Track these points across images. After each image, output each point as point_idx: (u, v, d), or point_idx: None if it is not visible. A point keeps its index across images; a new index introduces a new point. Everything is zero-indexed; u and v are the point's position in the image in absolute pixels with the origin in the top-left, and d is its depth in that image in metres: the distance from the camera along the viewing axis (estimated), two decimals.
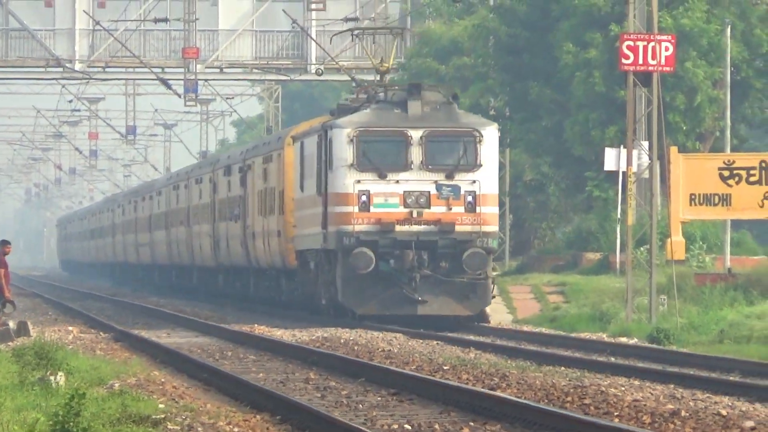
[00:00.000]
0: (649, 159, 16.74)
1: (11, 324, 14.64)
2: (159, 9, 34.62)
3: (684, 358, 11.93)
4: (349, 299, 13.39)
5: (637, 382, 8.86)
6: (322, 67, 33.06)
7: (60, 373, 7.95)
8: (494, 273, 15.01)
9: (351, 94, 18.50)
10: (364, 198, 13.05)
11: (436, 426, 5.15)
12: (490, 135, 13.93)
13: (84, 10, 34.35)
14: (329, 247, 13.80)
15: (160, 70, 34.17)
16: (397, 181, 13.29)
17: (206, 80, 35.99)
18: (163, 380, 9.30)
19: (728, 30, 26.39)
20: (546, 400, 6.63)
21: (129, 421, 4.89)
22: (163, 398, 7.05)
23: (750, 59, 28.82)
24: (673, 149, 18.74)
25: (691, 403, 6.70)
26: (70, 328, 18.14)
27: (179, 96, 26.30)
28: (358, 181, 13.03)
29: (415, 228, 13.23)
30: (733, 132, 27.51)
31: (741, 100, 28.34)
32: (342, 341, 11.94)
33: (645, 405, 6.21)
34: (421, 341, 11.97)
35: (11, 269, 16.39)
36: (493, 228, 13.93)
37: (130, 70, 36.12)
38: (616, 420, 5.16)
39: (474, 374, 9.05)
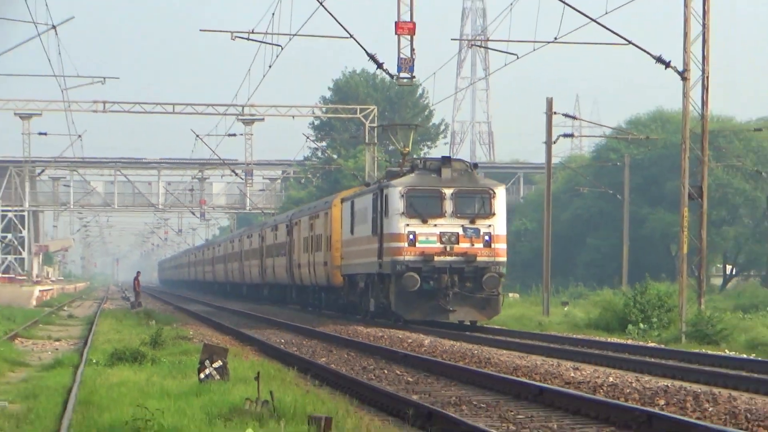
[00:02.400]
0: None
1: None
2: None
3: None
4: (400, 308, 18.32)
5: None
6: None
7: (153, 321, 20.28)
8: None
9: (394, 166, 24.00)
10: (411, 237, 18.00)
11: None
12: (501, 192, 18.79)
13: None
14: (384, 272, 18.75)
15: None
16: (435, 225, 18.20)
17: None
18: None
19: None
20: None
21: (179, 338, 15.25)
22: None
23: None
24: None
25: None
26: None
27: (391, 76, 18.66)
28: (407, 225, 18.03)
29: (448, 258, 18.08)
30: None
31: None
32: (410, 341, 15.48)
33: None
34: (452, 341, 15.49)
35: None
36: (503, 259, 18.64)
37: None
38: None
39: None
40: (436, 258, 17.84)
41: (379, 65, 18.97)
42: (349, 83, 53.17)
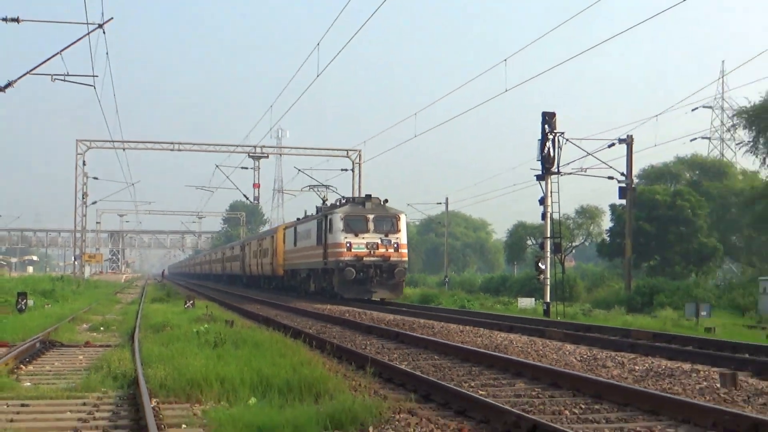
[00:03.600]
0: None
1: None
2: None
3: None
4: (341, 290, 26.02)
5: None
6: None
7: (166, 287, 41.84)
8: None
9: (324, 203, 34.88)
10: (348, 245, 25.83)
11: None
12: (403, 217, 27.28)
13: None
14: (329, 267, 27.06)
15: None
16: (363, 237, 25.95)
17: None
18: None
19: None
20: None
21: (178, 294, 32.97)
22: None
23: None
24: None
25: None
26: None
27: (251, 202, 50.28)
28: (346, 237, 25.83)
29: (372, 258, 25.71)
30: None
31: None
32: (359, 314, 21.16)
33: None
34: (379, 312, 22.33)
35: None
36: (406, 259, 26.95)
37: None
38: None
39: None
40: (365, 258, 25.46)
41: (247, 198, 43.68)
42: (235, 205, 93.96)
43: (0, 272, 52.69)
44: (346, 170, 41.72)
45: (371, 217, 26.12)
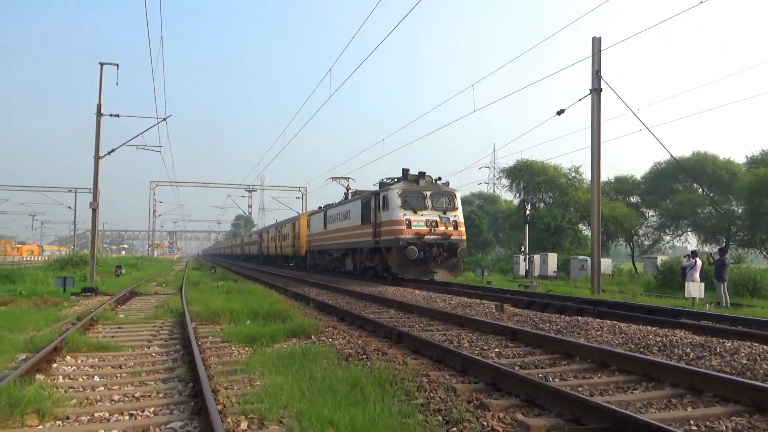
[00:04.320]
0: None
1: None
2: None
3: None
4: (400, 270, 21.85)
5: None
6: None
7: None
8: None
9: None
10: (408, 222, 21.90)
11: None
12: (458, 194, 23.53)
13: None
14: (382, 246, 23.00)
15: None
16: (422, 215, 22.14)
17: None
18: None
19: None
20: None
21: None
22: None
23: None
24: None
25: None
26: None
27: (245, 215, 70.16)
28: (405, 214, 22.01)
29: (434, 237, 21.92)
30: None
31: None
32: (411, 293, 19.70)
33: None
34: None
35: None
36: (465, 237, 22.91)
37: None
38: None
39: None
40: (426, 237, 21.76)
41: (244, 213, 66.38)
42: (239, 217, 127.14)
43: (105, 255, 70.68)
44: (299, 198, 68.17)
45: (428, 193, 22.53)
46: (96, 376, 6.86)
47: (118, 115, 25.33)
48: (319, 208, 34.81)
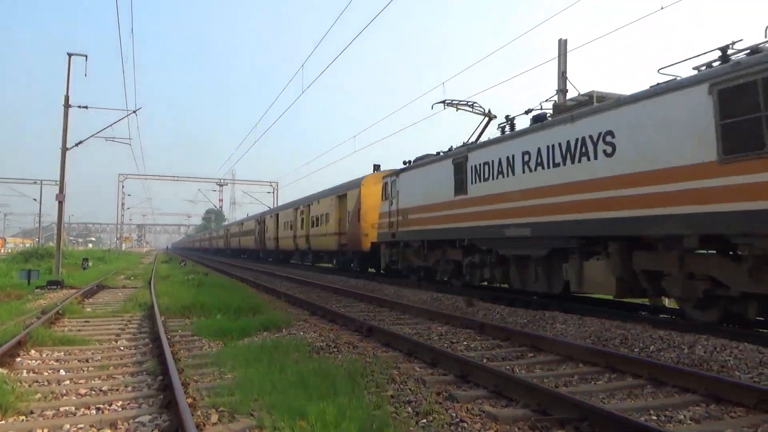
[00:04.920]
0: None
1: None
2: None
3: None
4: None
5: None
6: None
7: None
8: None
9: None
10: None
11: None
12: None
13: None
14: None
15: None
16: None
17: None
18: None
19: None
20: None
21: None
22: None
23: None
24: None
25: None
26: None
27: (216, 209, 70.62)
28: None
29: None
30: None
31: None
32: None
33: None
34: None
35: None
36: None
37: None
38: None
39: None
40: None
41: (215, 206, 59.35)
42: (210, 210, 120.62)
43: (72, 248, 69.61)
44: (270, 192, 68.05)
45: None
46: (62, 370, 6.71)
47: (86, 107, 24.64)
48: (411, 163, 18.02)
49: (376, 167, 22.94)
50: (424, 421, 4.73)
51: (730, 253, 8.32)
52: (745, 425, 4.72)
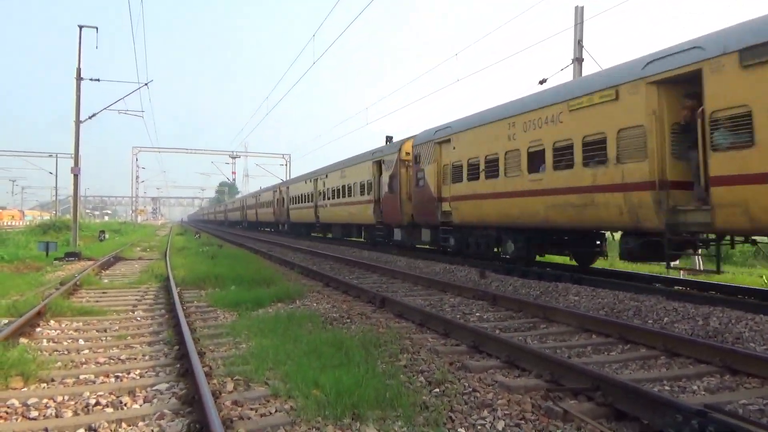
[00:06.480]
0: None
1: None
2: None
3: None
4: None
5: None
6: None
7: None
8: None
9: None
10: None
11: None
12: None
13: None
14: None
15: None
16: None
17: None
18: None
19: None
20: None
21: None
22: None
23: None
24: None
25: None
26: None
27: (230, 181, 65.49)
28: None
29: None
30: None
31: None
32: None
33: None
34: None
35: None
36: None
37: None
38: None
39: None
40: None
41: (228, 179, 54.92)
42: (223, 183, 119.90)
43: (88, 221, 70.44)
44: (282, 165, 69.17)
45: None
46: (81, 340, 6.82)
47: (98, 80, 24.63)
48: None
49: (389, 138, 22.73)
50: (437, 390, 4.75)
51: None
52: (760, 396, 4.69)
